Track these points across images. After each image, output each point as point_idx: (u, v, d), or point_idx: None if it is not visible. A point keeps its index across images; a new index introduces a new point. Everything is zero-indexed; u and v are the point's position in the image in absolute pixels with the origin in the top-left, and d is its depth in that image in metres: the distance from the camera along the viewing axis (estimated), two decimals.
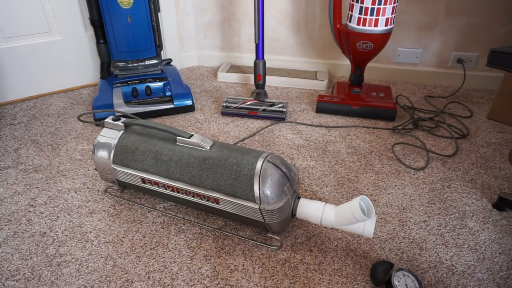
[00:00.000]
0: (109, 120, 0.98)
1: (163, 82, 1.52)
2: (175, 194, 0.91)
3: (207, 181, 0.86)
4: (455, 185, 1.10)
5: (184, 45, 1.93)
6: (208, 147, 0.89)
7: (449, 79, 1.72)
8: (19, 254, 0.88)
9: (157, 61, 1.56)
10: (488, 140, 1.32)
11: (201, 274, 0.83)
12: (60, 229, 0.95)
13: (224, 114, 1.49)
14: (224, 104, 1.47)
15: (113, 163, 0.96)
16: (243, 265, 0.85)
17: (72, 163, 1.20)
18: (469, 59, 1.66)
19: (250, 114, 1.46)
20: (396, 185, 1.10)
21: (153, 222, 0.97)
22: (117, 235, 0.93)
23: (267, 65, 1.89)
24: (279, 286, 0.81)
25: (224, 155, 0.86)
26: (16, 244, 0.91)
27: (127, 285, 0.81)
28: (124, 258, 0.87)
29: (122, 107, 1.41)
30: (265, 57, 1.90)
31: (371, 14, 1.30)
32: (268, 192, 0.81)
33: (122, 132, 0.97)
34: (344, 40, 1.43)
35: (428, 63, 1.73)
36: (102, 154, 0.96)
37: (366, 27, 1.33)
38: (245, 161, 0.84)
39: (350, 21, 1.37)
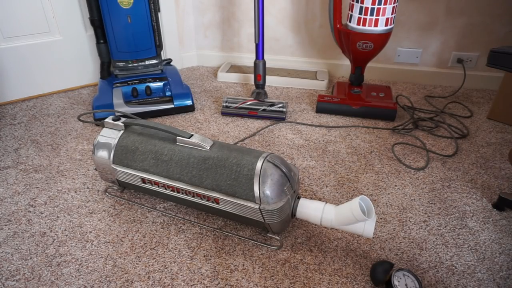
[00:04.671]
0: (109, 120, 0.98)
1: (163, 82, 1.52)
2: (175, 194, 0.91)
3: (207, 181, 0.86)
4: (455, 185, 1.10)
5: (184, 45, 1.93)
6: (208, 147, 0.89)
7: (449, 79, 1.72)
8: (19, 254, 0.88)
9: (157, 61, 1.56)
10: (488, 140, 1.32)
11: (201, 274, 0.83)
12: (60, 229, 0.95)
13: (224, 114, 1.49)
14: (224, 104, 1.47)
15: (113, 163, 0.96)
16: (243, 265, 0.85)
17: (72, 163, 1.20)
18: (469, 59, 1.66)
19: (250, 114, 1.46)
20: (396, 185, 1.10)
21: (153, 222, 0.97)
22: (117, 235, 0.93)
23: (267, 65, 1.89)
24: (279, 286, 0.81)
25: (224, 155, 0.86)
26: (16, 244, 0.91)
27: (127, 285, 0.81)
28: (124, 258, 0.87)
29: (122, 107, 1.41)
30: (265, 57, 1.89)
31: (371, 14, 1.30)
32: (268, 192, 0.81)
33: (122, 132, 0.97)
34: (344, 40, 1.43)
35: (428, 63, 1.73)
36: (102, 154, 0.96)
37: (366, 27, 1.33)
38: (245, 161, 0.84)
39: (350, 21, 1.37)
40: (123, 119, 0.98)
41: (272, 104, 1.45)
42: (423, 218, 0.98)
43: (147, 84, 1.50)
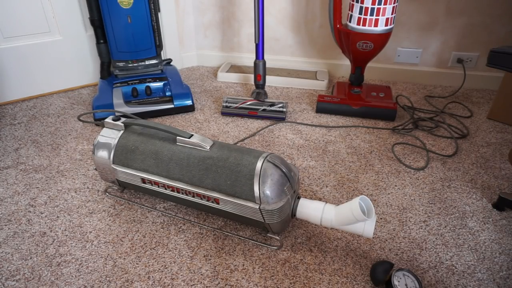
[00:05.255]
0: (109, 120, 0.98)
1: (163, 82, 1.52)
2: (175, 194, 0.91)
3: (207, 181, 0.86)
4: (455, 185, 1.10)
5: (184, 45, 1.93)
6: (208, 147, 0.89)
7: (449, 79, 1.72)
8: (19, 254, 0.88)
9: (157, 61, 1.56)
10: (488, 140, 1.32)
11: (201, 274, 0.83)
12: (60, 229, 0.95)
13: (224, 114, 1.49)
14: (224, 104, 1.47)
15: (113, 163, 0.96)
16: (243, 265, 0.85)
17: (72, 163, 1.20)
18: (469, 59, 1.66)
19: (250, 114, 1.46)
20: (396, 185, 1.10)
21: (153, 222, 0.97)
22: (117, 235, 0.93)
23: (267, 65, 1.89)
24: (279, 286, 0.81)
25: (224, 155, 0.86)
26: (16, 244, 0.91)
27: (127, 285, 0.81)
28: (124, 258, 0.87)
29: (122, 107, 1.41)
30: (265, 57, 1.89)
31: (371, 14, 1.30)
32: (268, 192, 0.81)
33: (122, 132, 0.97)
34: (344, 40, 1.43)
35: (428, 63, 1.73)
36: (102, 154, 0.96)
37: (366, 27, 1.33)
38: (245, 161, 0.84)
39: (350, 21, 1.37)
40: (123, 119, 0.98)
41: (272, 104, 1.45)
42: (423, 218, 0.98)
43: (147, 84, 1.50)
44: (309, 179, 1.13)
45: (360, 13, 1.31)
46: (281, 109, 1.45)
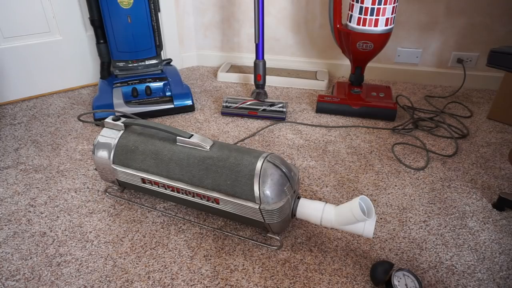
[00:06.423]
0: (109, 120, 0.98)
1: (163, 82, 1.52)
2: (175, 194, 0.91)
3: (207, 181, 0.86)
4: (455, 185, 1.10)
5: (184, 45, 1.93)
6: (208, 147, 0.89)
7: (449, 79, 1.72)
8: (19, 254, 0.88)
9: (157, 61, 1.56)
10: (488, 140, 1.32)
11: (201, 274, 0.83)
12: (60, 229, 0.95)
13: (224, 114, 1.49)
14: (224, 104, 1.47)
15: (113, 163, 0.96)
16: (243, 265, 0.85)
17: (72, 163, 1.20)
18: (469, 59, 1.66)
19: (250, 114, 1.46)
20: (396, 185, 1.10)
21: (153, 222, 0.97)
22: (117, 235, 0.93)
23: (267, 65, 1.89)
24: (279, 286, 0.81)
25: (224, 155, 0.86)
26: (16, 244, 0.91)
27: (127, 285, 0.81)
28: (124, 258, 0.87)
29: (122, 107, 1.41)
30: (265, 57, 1.89)
31: (371, 14, 1.30)
32: (268, 192, 0.81)
33: (122, 132, 0.97)
34: (344, 40, 1.43)
35: (428, 63, 1.73)
36: (102, 154, 0.96)
37: (366, 27, 1.33)
38: (245, 161, 0.84)
39: (350, 21, 1.37)
40: (123, 119, 0.98)
41: (272, 104, 1.45)
42: (423, 218, 0.98)
43: (147, 84, 1.50)
44: (309, 179, 1.13)
45: (360, 13, 1.31)
46: (281, 109, 1.45)
